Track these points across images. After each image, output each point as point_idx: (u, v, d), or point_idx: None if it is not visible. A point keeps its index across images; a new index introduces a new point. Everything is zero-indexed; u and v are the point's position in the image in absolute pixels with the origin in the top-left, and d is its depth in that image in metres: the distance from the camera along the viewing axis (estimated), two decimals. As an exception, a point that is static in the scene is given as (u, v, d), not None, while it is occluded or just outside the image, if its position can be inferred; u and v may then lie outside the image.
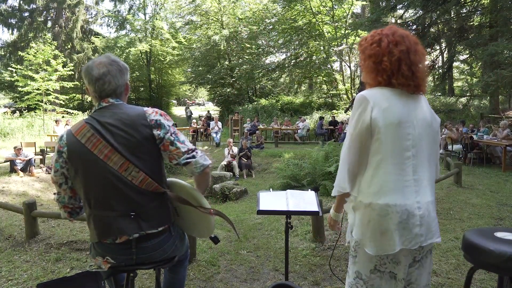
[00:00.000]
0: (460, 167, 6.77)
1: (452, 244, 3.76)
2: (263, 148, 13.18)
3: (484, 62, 12.43)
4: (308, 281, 3.07)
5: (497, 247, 1.62)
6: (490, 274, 2.98)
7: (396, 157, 1.43)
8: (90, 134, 1.55)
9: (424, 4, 13.66)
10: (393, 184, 1.43)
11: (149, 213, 1.60)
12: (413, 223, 1.42)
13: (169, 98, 34.25)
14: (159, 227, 1.62)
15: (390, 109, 1.43)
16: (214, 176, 9.49)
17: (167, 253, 1.67)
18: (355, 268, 1.53)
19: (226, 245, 3.94)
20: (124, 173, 1.54)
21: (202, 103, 44.08)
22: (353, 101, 1.90)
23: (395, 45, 1.47)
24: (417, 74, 1.47)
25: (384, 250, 1.42)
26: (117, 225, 1.55)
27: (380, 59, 1.48)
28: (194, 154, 1.64)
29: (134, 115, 1.59)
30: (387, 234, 1.41)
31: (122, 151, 1.54)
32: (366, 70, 1.55)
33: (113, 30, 30.24)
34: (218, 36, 23.47)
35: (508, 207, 5.32)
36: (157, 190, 1.60)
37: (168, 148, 1.61)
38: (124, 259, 1.59)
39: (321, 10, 20.79)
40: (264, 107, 21.79)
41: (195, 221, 1.81)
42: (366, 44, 1.55)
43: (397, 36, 1.49)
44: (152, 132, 1.59)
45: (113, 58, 1.68)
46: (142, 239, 1.59)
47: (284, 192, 2.58)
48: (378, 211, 1.42)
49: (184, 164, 1.62)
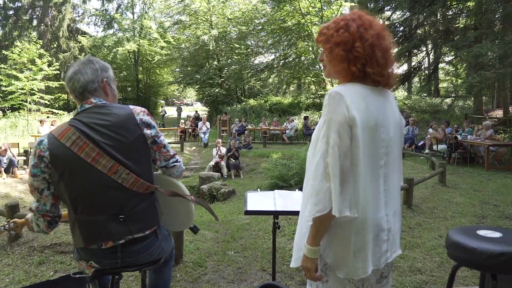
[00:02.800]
0: (444, 167, 6.87)
1: (436, 242, 3.82)
2: (251, 148, 13.18)
3: (469, 63, 12.68)
4: (295, 280, 3.08)
5: (479, 245, 1.64)
6: (473, 272, 3.04)
7: (370, 166, 1.25)
8: (75, 137, 1.48)
9: (411, 6, 13.88)
10: (367, 196, 1.25)
11: (139, 214, 1.56)
12: (382, 239, 1.29)
13: (157, 98, 34.01)
14: (147, 231, 1.59)
15: (368, 110, 1.23)
16: (202, 177, 9.44)
17: (153, 256, 1.65)
18: None
19: (213, 246, 3.92)
20: (114, 176, 1.49)
21: (191, 103, 43.88)
22: None
23: (365, 29, 1.27)
24: (389, 62, 1.30)
25: (356, 274, 1.24)
26: (105, 230, 1.51)
27: (351, 45, 1.26)
28: (178, 159, 1.72)
29: (123, 115, 1.55)
30: (361, 254, 1.24)
31: (111, 153, 1.49)
32: (335, 61, 1.31)
33: (101, 29, 29.96)
34: (207, 36, 23.39)
35: (490, 205, 5.43)
36: (149, 189, 1.59)
37: (160, 149, 1.64)
38: (109, 263, 1.56)
39: (310, 11, 20.90)
40: (252, 107, 21.80)
41: (175, 213, 1.82)
42: (330, 31, 1.31)
43: (365, 20, 1.29)
44: (143, 131, 1.56)
45: (90, 59, 1.64)
46: (128, 244, 1.55)
47: (271, 192, 2.58)
48: (353, 228, 1.24)
49: (171, 167, 1.69)
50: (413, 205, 5.25)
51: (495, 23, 12.99)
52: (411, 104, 18.20)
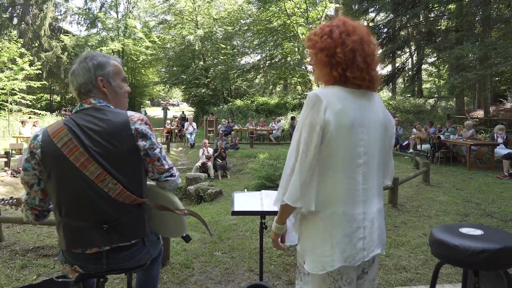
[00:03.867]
0: (428, 166, 7.01)
1: (421, 240, 3.89)
2: (238, 148, 13.17)
3: (451, 65, 12.96)
4: (282, 280, 3.09)
5: (461, 242, 1.68)
6: (456, 269, 3.10)
7: (346, 164, 1.31)
8: (67, 138, 1.45)
9: (394, 8, 14.10)
10: (341, 193, 1.31)
11: (123, 226, 1.52)
12: (357, 237, 1.32)
13: (142, 98, 33.66)
14: (132, 240, 1.55)
15: (344, 111, 1.29)
16: (188, 178, 9.38)
17: (140, 261, 1.63)
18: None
19: (200, 247, 3.90)
20: (101, 184, 1.46)
21: (177, 103, 43.58)
22: None
23: (348, 35, 1.33)
24: (372, 66, 1.36)
25: (322, 268, 1.29)
26: (88, 237, 1.48)
27: (333, 52, 1.33)
28: (173, 173, 1.65)
29: (118, 123, 1.50)
30: (328, 248, 1.29)
31: (100, 161, 1.45)
32: (319, 66, 1.39)
33: (84, 28, 29.40)
34: (193, 36, 23.28)
35: (472, 203, 5.55)
36: (136, 201, 1.53)
37: (154, 162, 1.58)
38: (94, 268, 1.53)
39: (295, 12, 21.02)
40: (239, 107, 21.80)
41: (168, 222, 1.78)
42: (316, 37, 1.38)
43: (349, 26, 1.36)
44: (136, 143, 1.51)
45: (86, 56, 1.60)
46: (114, 250, 1.53)
47: (258, 193, 2.59)
48: (323, 221, 1.31)
49: (163, 181, 1.63)
50: (398, 204, 5.33)
51: (476, 26, 13.31)
52: (396, 104, 18.49)
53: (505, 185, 6.93)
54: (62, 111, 20.90)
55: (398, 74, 18.53)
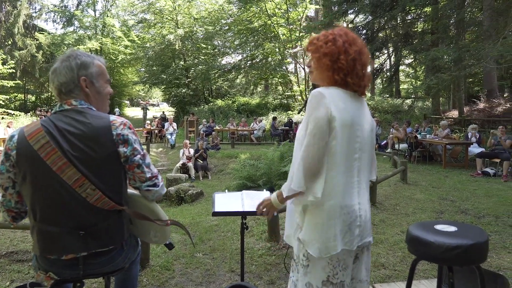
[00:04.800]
0: (406, 165, 7.18)
1: (399, 238, 3.97)
2: (219, 149, 13.12)
3: (427, 66, 13.30)
4: (263, 280, 3.10)
5: (436, 239, 1.73)
6: (432, 265, 3.19)
7: (346, 158, 1.44)
8: (45, 141, 1.39)
9: (373, 10, 14.37)
10: (342, 185, 1.43)
11: (101, 232, 1.48)
12: (355, 225, 1.45)
13: (121, 98, 33.05)
14: (110, 246, 1.51)
15: (346, 110, 1.42)
16: (169, 179, 9.29)
17: (118, 266, 1.59)
18: (306, 279, 1.46)
19: (181, 248, 3.87)
20: (78, 189, 1.40)
21: (157, 103, 43.01)
22: (307, 102, 1.89)
23: (350, 44, 1.48)
24: (366, 75, 1.52)
25: (327, 251, 1.41)
26: (63, 243, 1.43)
27: (337, 57, 1.46)
28: (156, 183, 1.57)
29: (99, 127, 1.44)
30: (332, 235, 1.41)
31: (78, 166, 1.39)
32: (322, 69, 1.51)
33: (60, 26, 28.60)
34: (173, 35, 23.04)
35: (447, 201, 5.72)
36: (114, 208, 1.49)
37: (133, 169, 1.51)
38: (69, 274, 1.49)
39: (276, 13, 21.13)
40: (220, 108, 21.72)
41: (149, 228, 1.73)
42: (319, 43, 1.51)
43: (350, 36, 1.50)
44: (117, 149, 1.45)
45: (69, 54, 1.54)
46: (91, 256, 1.48)
47: (239, 193, 2.58)
48: (327, 212, 1.42)
49: (145, 190, 1.56)
50: (377, 202, 5.43)
51: (450, 28, 13.71)
52: (374, 104, 18.84)
53: (478, 183, 7.17)
54: (37, 112, 20.28)
55: (377, 75, 18.89)
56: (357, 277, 1.54)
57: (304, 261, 1.46)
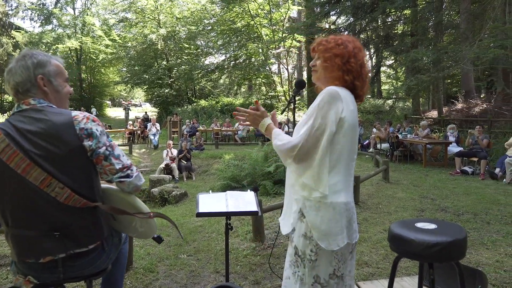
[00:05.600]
0: (387, 164, 7.31)
1: (381, 236, 4.04)
2: (203, 149, 13.05)
3: (407, 67, 13.59)
4: (248, 280, 3.10)
5: (417, 236, 1.77)
6: (414, 262, 3.25)
7: (349, 158, 1.54)
8: (4, 144, 1.35)
9: (354, 12, 14.57)
10: (344, 183, 1.52)
11: (77, 231, 1.44)
12: (353, 220, 1.55)
13: (102, 98, 32.46)
14: (90, 245, 1.48)
15: (354, 112, 1.52)
16: (152, 180, 9.18)
17: (100, 267, 1.56)
18: (314, 272, 1.51)
19: (165, 250, 3.83)
20: (47, 189, 1.37)
21: (139, 104, 42.44)
22: (289, 102, 1.92)
23: (359, 51, 1.58)
24: (367, 83, 1.62)
25: (337, 244, 1.49)
26: (39, 246, 1.40)
27: (347, 60, 1.54)
28: (129, 173, 1.52)
29: (60, 123, 1.40)
30: (340, 230, 1.50)
31: (43, 165, 1.36)
32: (332, 68, 1.56)
33: (38, 24, 27.94)
34: (155, 35, 22.79)
35: (428, 199, 5.85)
36: (87, 205, 1.45)
37: (101, 162, 1.47)
38: (49, 277, 1.45)
39: (259, 13, 21.16)
40: (204, 108, 21.61)
41: (135, 223, 1.69)
42: (330, 44, 1.59)
43: (357, 44, 1.60)
44: (82, 143, 1.42)
45: (24, 53, 1.50)
46: (70, 258, 1.45)
47: (223, 194, 2.58)
48: (337, 209, 1.49)
49: (117, 182, 1.51)
50: (360, 201, 5.51)
51: (429, 31, 14.04)
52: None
53: (457, 181, 7.37)
54: (14, 112, 19.69)
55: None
56: (351, 272, 1.61)
57: (312, 255, 1.50)
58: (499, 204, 5.40)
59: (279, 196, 6.23)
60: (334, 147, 1.48)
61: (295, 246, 1.55)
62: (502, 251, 3.56)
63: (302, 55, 26.34)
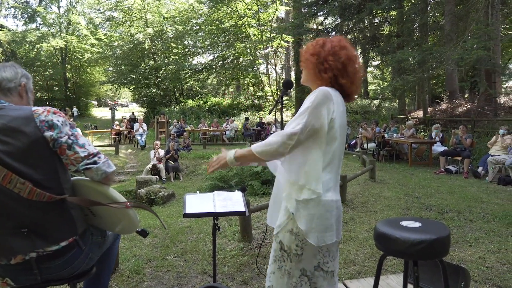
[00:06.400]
0: (374, 164, 7.39)
1: (368, 235, 4.08)
2: (190, 150, 12.98)
3: (393, 68, 13.75)
4: (236, 281, 3.09)
5: (402, 234, 1.78)
6: (399, 260, 3.30)
7: (339, 157, 1.58)
8: None
9: (341, 13, 14.68)
10: (334, 181, 1.57)
11: (45, 227, 1.41)
12: (341, 217, 1.62)
13: (88, 98, 31.99)
14: (61, 242, 1.44)
15: (343, 113, 1.57)
16: (139, 181, 9.09)
17: (79, 268, 1.52)
18: (301, 265, 1.55)
19: (151, 251, 3.79)
20: (9, 185, 1.34)
21: (126, 104, 41.98)
22: (277, 103, 1.93)
23: (340, 49, 1.58)
24: (357, 82, 1.62)
25: (325, 241, 1.52)
26: (7, 245, 1.37)
27: (324, 58, 1.57)
28: (96, 160, 1.49)
29: (19, 117, 1.40)
30: (330, 227, 1.54)
31: (4, 161, 1.34)
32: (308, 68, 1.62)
33: (21, 23, 27.36)
34: (142, 34, 22.58)
35: (413, 198, 5.94)
36: (53, 199, 1.41)
37: (65, 152, 1.44)
38: (26, 280, 1.42)
39: (247, 13, 21.14)
40: (191, 108, 21.49)
41: (115, 217, 1.63)
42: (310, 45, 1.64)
43: (342, 44, 1.60)
44: (43, 134, 1.40)
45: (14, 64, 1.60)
46: (44, 259, 1.41)
47: (211, 194, 2.57)
48: (326, 207, 1.52)
49: (84, 170, 1.47)
50: (347, 200, 5.56)
51: (414, 32, 14.24)
52: (344, 105, 19.24)
53: (442, 180, 7.50)
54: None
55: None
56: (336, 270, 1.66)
57: (298, 250, 1.54)
58: (481, 202, 5.52)
59: (267, 196, 6.24)
60: (327, 146, 1.52)
61: (281, 241, 1.57)
62: (485, 248, 3.64)
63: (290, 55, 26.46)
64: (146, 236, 1.78)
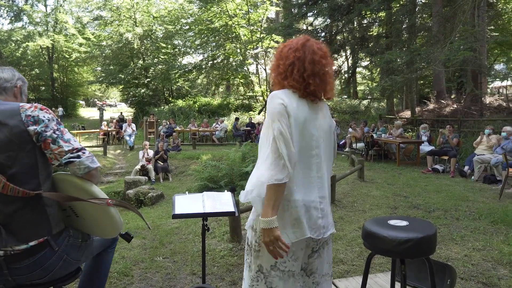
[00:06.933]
0: (363, 163, 7.45)
1: (356, 234, 4.12)
2: (180, 150, 12.91)
3: (382, 68, 13.90)
4: (225, 281, 3.08)
5: (389, 233, 1.80)
6: (387, 259, 3.33)
7: (303, 155, 1.53)
8: None
9: (331, 14, 14.79)
10: (301, 180, 1.53)
11: (18, 224, 1.38)
12: (316, 216, 1.56)
13: (75, 98, 31.57)
14: (30, 241, 1.39)
15: (298, 108, 1.52)
16: (127, 181, 9.00)
17: (52, 271, 1.46)
18: (258, 261, 1.59)
19: (140, 253, 3.76)
20: None
21: (114, 104, 41.56)
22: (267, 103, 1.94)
23: (293, 51, 1.59)
24: (309, 81, 1.55)
25: (296, 237, 1.52)
26: None
27: (278, 63, 1.63)
28: (80, 154, 1.46)
29: (6, 110, 1.40)
30: (298, 222, 1.52)
31: None
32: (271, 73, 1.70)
33: (7, 21, 26.86)
34: (131, 34, 22.37)
35: (401, 197, 6.01)
36: (27, 195, 1.38)
37: (49, 146, 1.42)
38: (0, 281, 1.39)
39: (237, 13, 21.12)
40: (181, 108, 21.35)
41: (96, 217, 1.57)
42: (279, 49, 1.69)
43: (299, 44, 1.60)
44: (27, 128, 1.39)
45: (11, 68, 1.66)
46: (12, 259, 1.37)
47: (200, 194, 2.56)
48: (291, 204, 1.51)
49: (66, 163, 1.44)
50: (336, 200, 5.59)
51: (403, 33, 14.42)
52: (333, 105, 19.39)
53: (429, 179, 7.60)
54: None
55: (335, 77, 19.39)
56: (320, 271, 1.65)
57: (256, 246, 1.58)
58: (467, 201, 5.61)
59: (257, 196, 6.23)
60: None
61: (247, 237, 1.65)
62: (470, 246, 3.70)
63: (279, 55, 26.42)
64: (130, 240, 1.74)
